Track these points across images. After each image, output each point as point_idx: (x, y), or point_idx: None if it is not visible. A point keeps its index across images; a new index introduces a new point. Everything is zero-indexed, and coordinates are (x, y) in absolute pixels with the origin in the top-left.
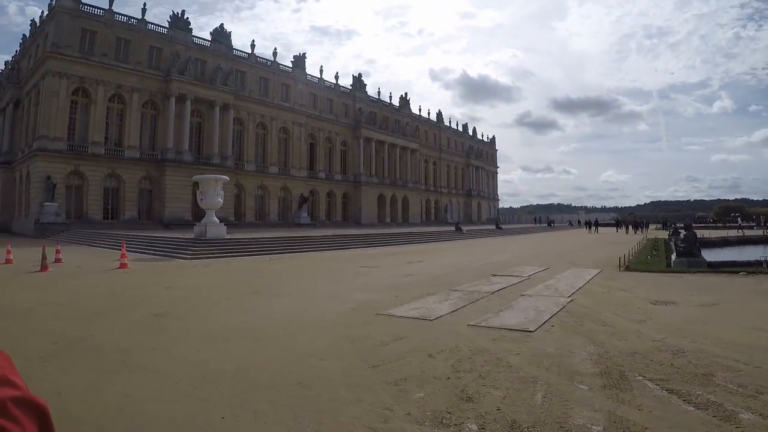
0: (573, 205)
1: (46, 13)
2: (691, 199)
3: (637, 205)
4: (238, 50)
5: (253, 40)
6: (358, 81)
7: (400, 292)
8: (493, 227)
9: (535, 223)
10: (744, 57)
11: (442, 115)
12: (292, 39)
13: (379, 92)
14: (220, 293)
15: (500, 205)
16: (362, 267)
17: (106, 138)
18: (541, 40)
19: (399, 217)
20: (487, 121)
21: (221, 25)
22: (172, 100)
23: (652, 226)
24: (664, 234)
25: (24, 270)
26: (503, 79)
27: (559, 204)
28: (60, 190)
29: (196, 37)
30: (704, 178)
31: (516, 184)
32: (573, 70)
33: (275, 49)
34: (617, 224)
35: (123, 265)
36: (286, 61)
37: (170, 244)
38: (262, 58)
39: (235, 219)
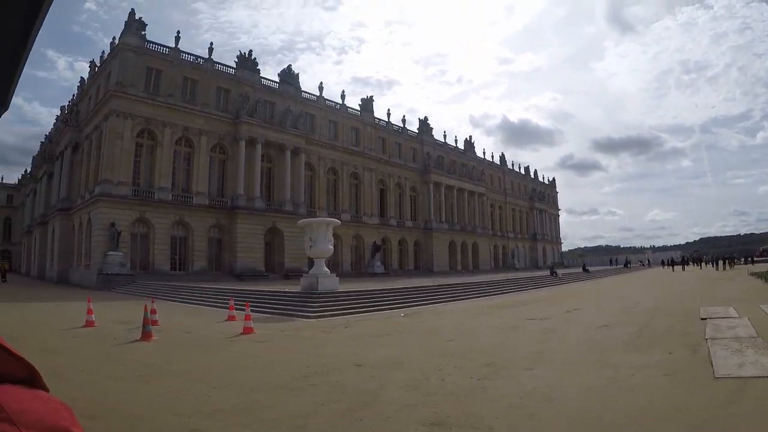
0: (621, 246)
1: (107, 52)
2: (741, 234)
3: (687, 243)
4: (306, 92)
5: (321, 83)
6: (424, 124)
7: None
8: (579, 270)
9: (611, 265)
10: None
11: (504, 158)
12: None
13: (444, 135)
14: (446, 371)
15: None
16: (530, 320)
17: (173, 183)
18: (579, 82)
19: (470, 264)
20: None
21: (289, 67)
22: (242, 144)
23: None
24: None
25: (117, 337)
26: (544, 123)
27: (607, 246)
28: (124, 239)
29: (265, 78)
30: (752, 212)
31: (562, 227)
32: (613, 110)
33: (343, 91)
34: (696, 261)
35: (248, 330)
36: (349, 104)
37: (279, 300)
38: (330, 101)
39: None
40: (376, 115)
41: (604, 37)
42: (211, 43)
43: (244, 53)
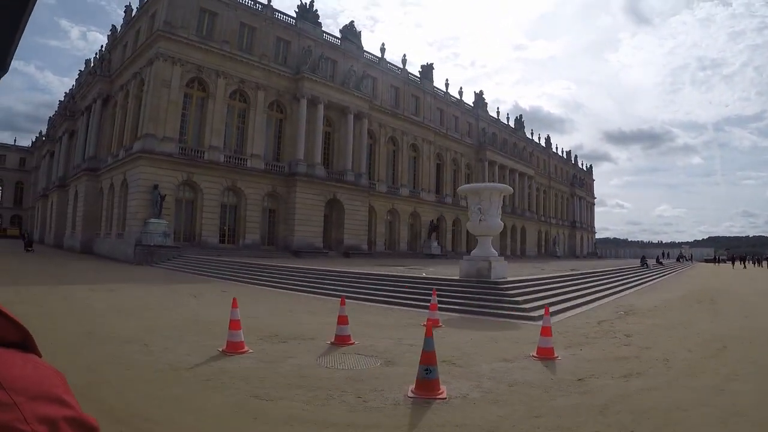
0: (628, 239)
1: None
2: (750, 235)
3: (695, 241)
4: (368, 52)
5: (383, 44)
6: (479, 98)
7: None
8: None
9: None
10: None
11: (550, 140)
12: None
13: (498, 112)
14: None
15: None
16: None
17: (224, 143)
18: (593, 72)
19: (518, 249)
20: None
21: (351, 23)
22: (303, 103)
23: None
24: None
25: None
26: (555, 111)
27: (615, 238)
28: (168, 204)
29: (327, 33)
30: (761, 214)
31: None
32: (625, 102)
33: (404, 55)
34: (741, 260)
35: (546, 353)
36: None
37: (440, 290)
38: (392, 65)
39: (367, 248)
40: (435, 84)
41: (620, 29)
42: None
43: (305, 3)
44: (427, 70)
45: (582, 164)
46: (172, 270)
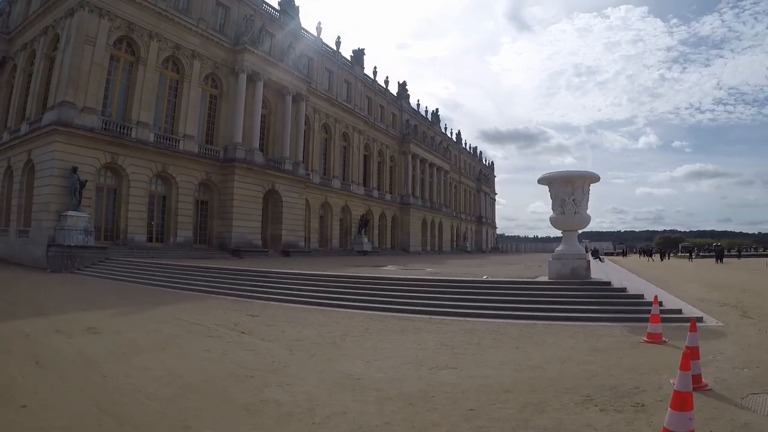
0: (506, 234)
1: None
2: (621, 231)
3: None
4: (306, 30)
5: (320, 22)
6: (403, 89)
7: None
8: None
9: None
10: (668, 97)
11: (461, 135)
12: None
13: (418, 104)
14: None
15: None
16: None
17: (153, 120)
18: (473, 74)
19: (435, 244)
20: None
21: None
22: (242, 78)
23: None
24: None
25: None
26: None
27: (500, 234)
28: (88, 194)
29: (266, 3)
30: (629, 210)
31: None
32: (503, 104)
33: (339, 37)
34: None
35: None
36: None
37: (532, 297)
38: (328, 46)
39: (304, 245)
40: (365, 71)
41: (502, 33)
42: None
43: None
44: (359, 55)
45: (485, 160)
46: (107, 278)
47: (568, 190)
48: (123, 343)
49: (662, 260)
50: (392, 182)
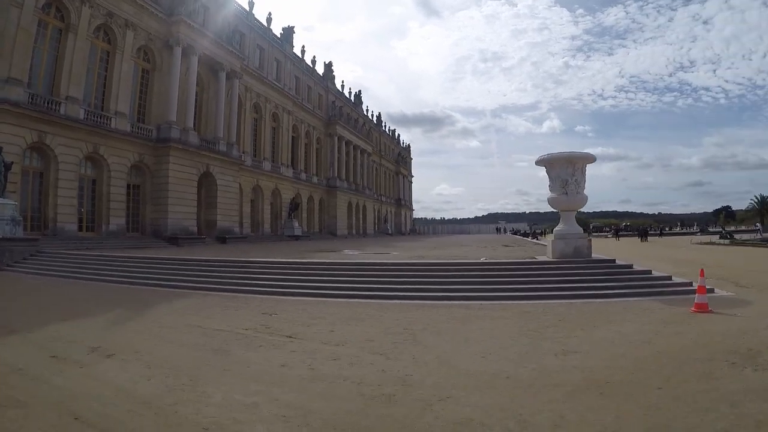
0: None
1: None
2: (526, 212)
3: (475, 217)
4: (238, 4)
5: None
6: (329, 69)
7: None
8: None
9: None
10: (572, 84)
11: (381, 117)
12: None
13: (342, 85)
14: None
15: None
16: None
17: (83, 95)
18: (380, 58)
19: (360, 227)
20: None
21: None
22: (177, 52)
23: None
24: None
25: None
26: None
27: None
28: (14, 178)
29: None
30: (533, 192)
31: None
32: (410, 88)
33: (270, 13)
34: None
35: None
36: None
37: (542, 278)
38: (259, 22)
39: (239, 230)
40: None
41: (410, 18)
42: None
43: None
44: (288, 32)
45: (402, 143)
46: (48, 276)
47: (570, 170)
48: (163, 366)
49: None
50: (318, 164)
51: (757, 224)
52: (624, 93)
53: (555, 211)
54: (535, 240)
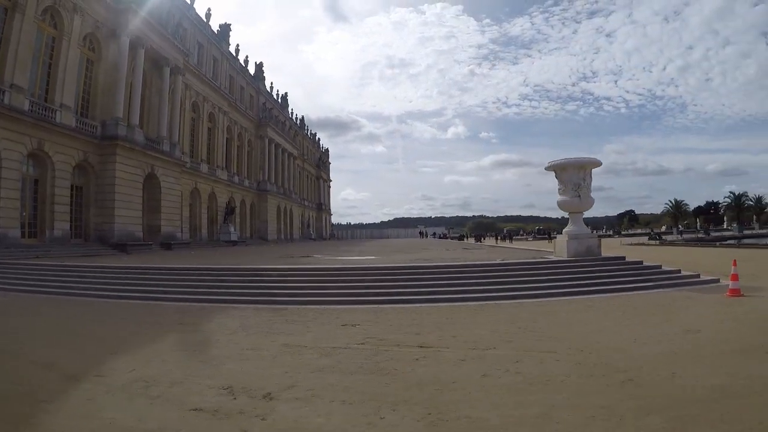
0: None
1: None
2: (432, 216)
3: (381, 222)
4: None
5: None
6: (260, 70)
7: None
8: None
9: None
10: (477, 91)
11: (304, 120)
12: None
13: (271, 87)
14: None
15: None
16: None
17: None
18: (286, 62)
19: (288, 232)
20: None
21: None
22: (125, 43)
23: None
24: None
25: None
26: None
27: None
28: None
29: None
30: (438, 197)
31: None
32: (315, 92)
33: (209, 9)
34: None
35: None
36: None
37: (570, 272)
38: (200, 17)
39: (180, 235)
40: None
41: (318, 23)
42: None
43: None
44: (225, 30)
45: (321, 146)
46: (10, 291)
47: (581, 175)
48: (365, 400)
49: (511, 242)
50: (249, 167)
51: (734, 224)
52: (528, 101)
53: (461, 215)
54: (479, 243)
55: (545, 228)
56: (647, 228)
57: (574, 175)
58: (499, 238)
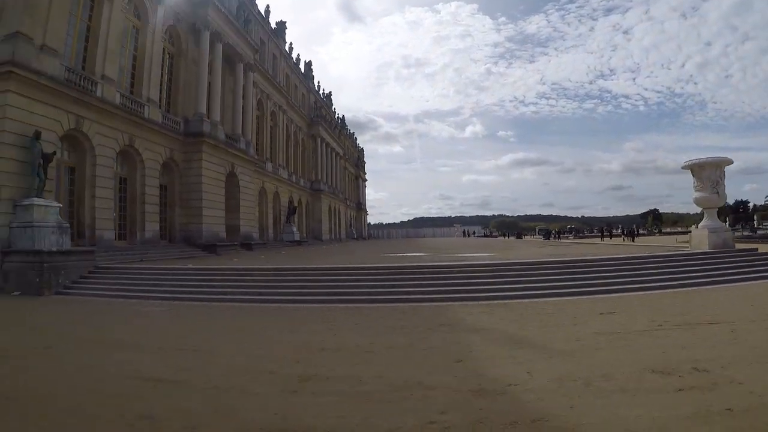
0: None
1: None
2: (451, 216)
3: (401, 222)
4: None
5: None
6: (308, 68)
7: None
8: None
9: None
10: (494, 90)
11: (345, 118)
12: None
13: (318, 85)
14: None
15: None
16: None
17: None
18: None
19: (337, 232)
20: None
21: None
22: (206, 37)
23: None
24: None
25: None
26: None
27: None
28: (51, 174)
29: None
30: (456, 197)
31: None
32: (332, 93)
33: (267, 6)
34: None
35: None
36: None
37: (721, 263)
38: (261, 14)
39: (258, 236)
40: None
41: (333, 23)
42: None
43: None
44: (281, 28)
45: (357, 145)
46: (120, 297)
47: (718, 173)
48: None
49: (558, 239)
50: (303, 166)
51: (765, 223)
52: (545, 99)
53: (481, 215)
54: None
55: (574, 227)
56: (675, 227)
57: (712, 174)
58: (552, 235)
